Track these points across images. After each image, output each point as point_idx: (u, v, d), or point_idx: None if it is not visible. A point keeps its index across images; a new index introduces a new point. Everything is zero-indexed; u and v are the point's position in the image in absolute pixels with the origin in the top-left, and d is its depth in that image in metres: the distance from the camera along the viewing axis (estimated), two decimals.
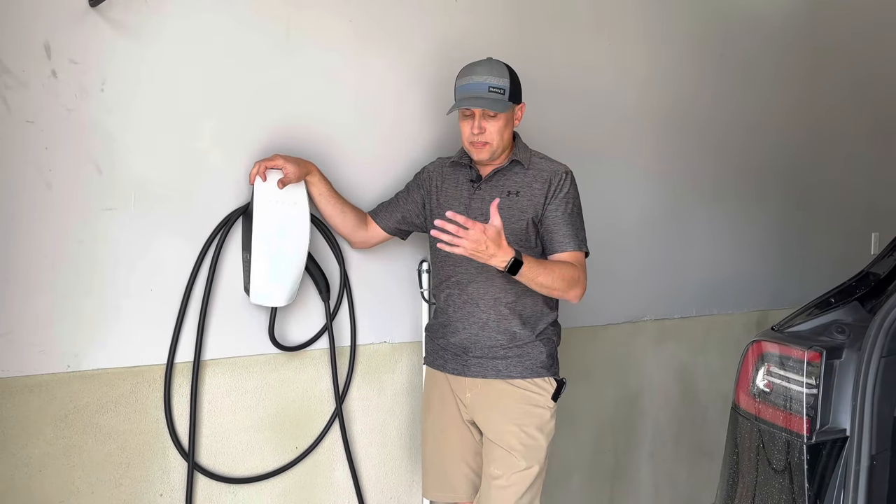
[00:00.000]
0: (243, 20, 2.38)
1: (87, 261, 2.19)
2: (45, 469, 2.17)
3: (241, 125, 2.39)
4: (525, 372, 2.38)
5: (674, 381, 3.57)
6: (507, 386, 2.38)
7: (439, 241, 2.06)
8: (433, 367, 2.54)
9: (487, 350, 2.40)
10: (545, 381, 2.40)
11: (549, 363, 2.43)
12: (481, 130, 2.33)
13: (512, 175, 2.41)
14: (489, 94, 2.32)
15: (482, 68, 2.36)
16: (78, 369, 2.20)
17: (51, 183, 2.13)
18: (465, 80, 2.36)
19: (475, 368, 2.41)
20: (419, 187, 2.55)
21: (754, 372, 2.05)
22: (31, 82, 2.09)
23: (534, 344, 2.40)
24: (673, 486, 3.60)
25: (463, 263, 2.38)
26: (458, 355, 2.43)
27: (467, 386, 2.43)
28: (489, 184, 2.41)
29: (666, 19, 3.41)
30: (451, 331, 2.44)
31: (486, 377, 2.40)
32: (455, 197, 2.45)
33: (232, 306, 2.41)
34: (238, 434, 2.45)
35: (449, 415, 2.49)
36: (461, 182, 2.47)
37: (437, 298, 2.53)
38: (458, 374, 2.45)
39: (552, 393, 2.40)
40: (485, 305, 2.39)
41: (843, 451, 1.86)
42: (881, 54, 4.33)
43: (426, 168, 2.57)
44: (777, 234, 3.93)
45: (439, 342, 2.50)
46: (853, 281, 2.11)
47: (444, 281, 2.46)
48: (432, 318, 2.58)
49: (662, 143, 3.43)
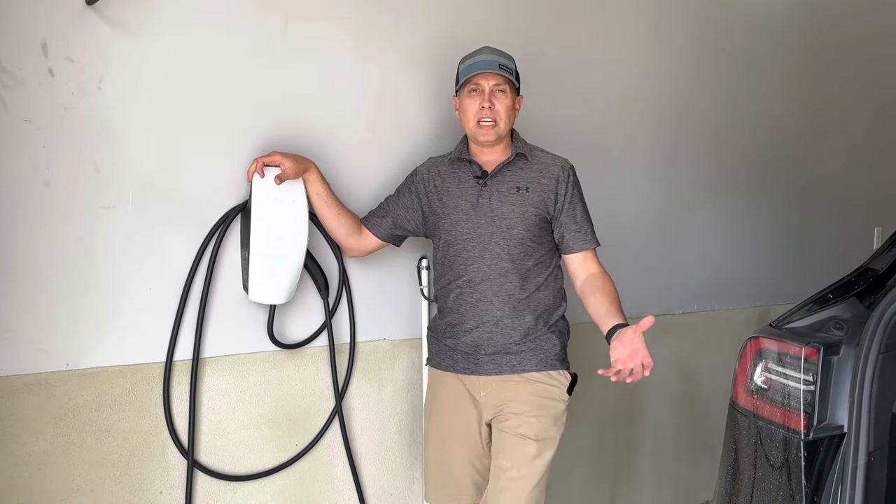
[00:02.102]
0: (241, 17, 2.38)
1: (85, 259, 2.19)
2: (45, 467, 2.17)
3: (238, 122, 2.39)
4: (540, 365, 2.37)
5: (675, 377, 3.57)
6: (522, 379, 2.36)
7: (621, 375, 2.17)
8: (439, 367, 2.49)
9: (500, 346, 2.37)
10: (560, 373, 2.39)
11: (563, 356, 2.43)
12: (491, 105, 2.33)
13: (517, 170, 2.40)
14: (501, 70, 2.34)
15: (490, 50, 2.39)
16: (77, 367, 2.20)
17: (48, 181, 2.13)
18: (472, 59, 2.38)
19: (488, 366, 2.38)
20: (411, 192, 2.50)
21: (752, 368, 2.04)
22: (28, 81, 2.09)
23: (547, 336, 2.39)
24: (674, 482, 3.59)
25: (475, 262, 2.37)
26: (469, 354, 2.40)
27: (481, 385, 2.40)
28: (496, 179, 2.39)
29: (665, 13, 3.40)
30: (462, 330, 2.40)
31: (500, 374, 2.37)
32: (460, 196, 2.41)
33: (231, 304, 2.42)
34: (237, 431, 2.46)
35: (458, 415, 2.44)
36: (464, 179, 2.43)
37: (443, 299, 2.47)
38: (470, 374, 2.41)
39: (567, 386, 2.39)
40: (499, 302, 2.36)
41: (841, 447, 1.86)
42: (883, 45, 4.31)
43: (418, 170, 2.52)
44: (778, 228, 3.91)
45: (447, 342, 2.45)
46: (851, 277, 2.10)
47: (454, 280, 2.41)
48: (436, 318, 2.54)
49: (662, 138, 3.42)
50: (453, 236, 2.40)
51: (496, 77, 2.35)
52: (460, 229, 2.39)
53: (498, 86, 2.35)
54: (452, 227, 2.40)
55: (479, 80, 2.36)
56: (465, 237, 2.38)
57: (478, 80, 2.36)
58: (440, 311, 2.51)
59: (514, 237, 2.36)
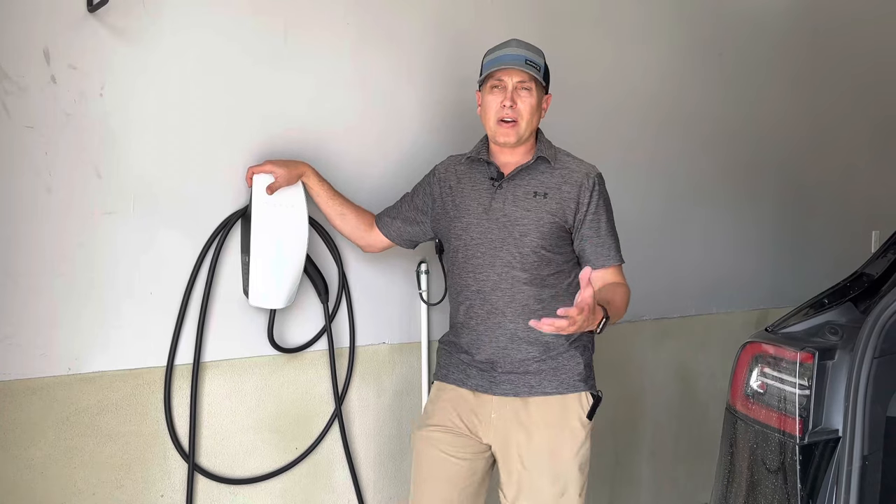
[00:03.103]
0: (241, 23, 2.39)
1: (87, 264, 2.21)
2: (48, 471, 2.18)
3: (239, 128, 2.41)
4: (561, 387, 2.19)
5: (674, 380, 3.57)
6: (540, 403, 2.19)
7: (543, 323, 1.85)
8: (448, 381, 2.31)
9: (518, 364, 2.19)
10: (582, 396, 2.20)
11: (587, 374, 2.23)
12: (513, 103, 2.15)
13: (537, 174, 2.23)
14: (527, 66, 2.16)
15: (518, 43, 2.21)
16: (79, 372, 2.21)
17: (51, 187, 2.15)
18: (497, 52, 2.20)
19: (505, 385, 2.20)
20: (425, 192, 2.38)
21: (748, 373, 2.06)
22: (30, 88, 2.10)
23: (569, 353, 2.21)
24: (673, 485, 3.60)
25: (485, 270, 2.21)
26: (485, 371, 2.23)
27: (494, 406, 2.22)
28: (512, 182, 2.23)
29: (664, 18, 3.41)
30: (477, 347, 2.23)
31: (518, 395, 2.19)
32: (473, 198, 2.26)
33: (231, 309, 2.43)
34: (238, 435, 2.47)
35: (459, 434, 2.25)
36: (479, 181, 2.28)
37: (454, 312, 2.33)
38: (483, 392, 2.23)
39: (588, 410, 2.20)
40: (512, 314, 2.19)
41: (836, 451, 1.87)
42: (881, 51, 4.31)
43: (436, 169, 2.40)
44: (776, 231, 3.92)
45: (461, 357, 2.29)
46: (847, 282, 2.12)
47: (463, 291, 2.26)
48: (448, 334, 2.39)
49: (660, 142, 3.43)
50: (463, 241, 2.25)
51: (521, 73, 2.17)
52: (470, 234, 2.24)
53: (522, 83, 2.17)
54: (463, 231, 2.25)
55: (502, 75, 2.17)
56: (475, 242, 2.23)
57: (501, 75, 2.17)
58: (452, 326, 2.36)
59: (526, 245, 2.18)
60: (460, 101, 2.77)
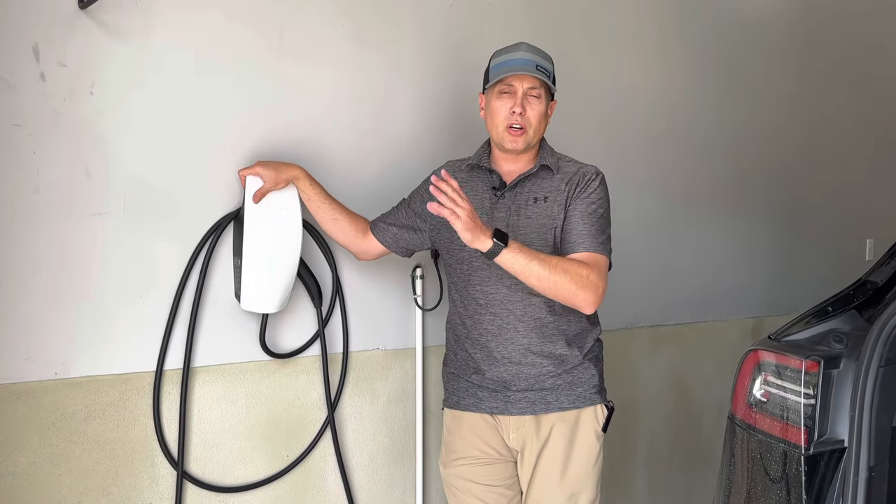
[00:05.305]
0: (236, 23, 2.36)
1: (75, 266, 2.16)
2: (32, 478, 2.13)
3: (232, 129, 2.37)
4: (577, 401, 2.16)
5: (669, 388, 3.55)
6: (556, 419, 2.16)
7: (436, 204, 1.84)
8: (460, 408, 2.26)
9: (533, 381, 2.15)
10: (598, 409, 2.20)
11: (601, 385, 2.23)
12: (523, 110, 2.10)
13: (539, 181, 2.19)
14: (538, 72, 2.10)
15: (528, 47, 2.15)
16: (65, 376, 2.16)
17: (39, 187, 2.10)
18: (507, 56, 2.14)
19: (521, 404, 2.16)
20: (423, 199, 2.28)
21: (751, 381, 2.03)
22: (19, 85, 2.06)
23: (584, 366, 2.18)
24: (668, 494, 3.58)
25: (490, 282, 2.15)
26: (497, 391, 2.18)
27: (511, 426, 2.19)
28: (514, 191, 2.18)
29: (661, 26, 3.41)
30: (487, 364, 2.18)
31: (534, 413, 2.16)
32: (475, 207, 2.10)
33: (222, 313, 2.38)
34: (228, 442, 2.42)
35: (489, 463, 2.25)
36: (481, 190, 2.23)
37: (459, 326, 2.26)
38: (498, 413, 2.19)
39: (603, 423, 2.21)
40: (524, 328, 2.14)
41: (842, 462, 1.84)
42: (877, 59, 4.33)
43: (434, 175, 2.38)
44: (771, 240, 3.92)
45: (471, 378, 2.23)
46: (851, 289, 2.09)
47: (469, 305, 2.20)
48: (451, 354, 2.33)
49: (656, 149, 3.42)
50: (467, 252, 2.16)
51: (532, 80, 2.12)
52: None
53: (533, 89, 2.12)
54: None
55: (512, 80, 2.12)
56: (480, 254, 2.08)
57: (511, 80, 2.12)
58: (456, 340, 2.29)
59: None
60: (456, 102, 2.75)
